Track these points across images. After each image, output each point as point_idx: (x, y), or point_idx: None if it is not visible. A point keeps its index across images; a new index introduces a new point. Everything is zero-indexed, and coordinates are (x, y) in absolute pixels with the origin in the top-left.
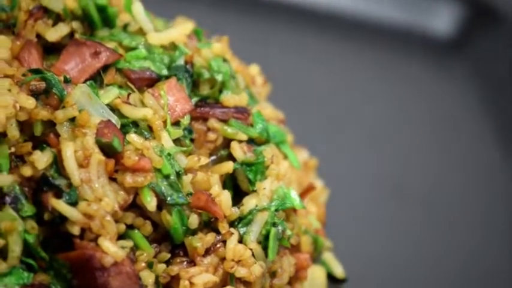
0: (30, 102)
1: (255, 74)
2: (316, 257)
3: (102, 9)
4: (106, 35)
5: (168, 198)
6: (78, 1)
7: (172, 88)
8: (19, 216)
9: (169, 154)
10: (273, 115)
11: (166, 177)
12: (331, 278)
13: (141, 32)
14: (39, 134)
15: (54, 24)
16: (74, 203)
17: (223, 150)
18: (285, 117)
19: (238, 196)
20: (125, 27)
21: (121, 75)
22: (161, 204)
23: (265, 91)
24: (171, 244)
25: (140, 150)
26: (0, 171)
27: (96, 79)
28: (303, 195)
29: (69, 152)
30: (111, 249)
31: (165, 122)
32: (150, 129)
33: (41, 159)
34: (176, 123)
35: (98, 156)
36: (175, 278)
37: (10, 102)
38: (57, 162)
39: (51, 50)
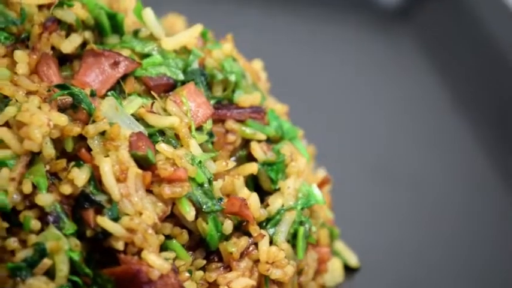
0: (63, 120)
1: (259, 69)
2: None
3: (112, 17)
4: (116, 42)
5: (204, 207)
6: (90, 11)
7: (192, 93)
8: (62, 235)
9: (200, 162)
10: (280, 109)
11: (201, 185)
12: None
13: (151, 37)
14: (70, 150)
15: (67, 35)
16: (116, 219)
17: (241, 151)
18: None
19: (259, 195)
20: (136, 33)
21: (139, 83)
22: (196, 212)
23: (267, 86)
24: (205, 250)
25: (171, 159)
26: (39, 191)
27: (115, 88)
28: (319, 188)
29: (107, 167)
30: (157, 262)
31: (189, 129)
32: (176, 137)
33: (80, 176)
34: (198, 128)
35: (135, 169)
36: (213, 285)
37: (44, 120)
38: (94, 178)
39: (62, 60)
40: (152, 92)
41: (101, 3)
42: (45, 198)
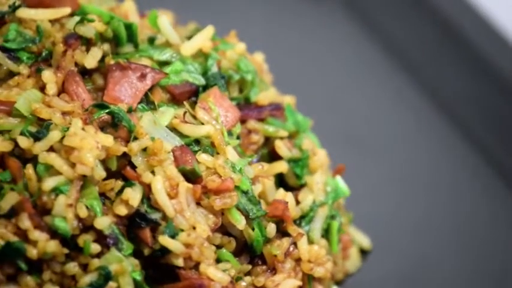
0: (109, 141)
1: (261, 61)
2: None
3: (127, 27)
4: (131, 51)
5: (250, 213)
6: (111, 24)
7: (218, 98)
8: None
9: (241, 169)
10: (288, 101)
11: (245, 192)
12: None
13: (167, 43)
14: (115, 169)
15: (86, 50)
16: (173, 235)
17: (263, 149)
18: None
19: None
20: (151, 40)
21: (164, 92)
22: None
23: (270, 77)
24: (249, 255)
25: (212, 169)
26: (95, 214)
27: (143, 101)
28: (335, 175)
29: (159, 185)
30: (217, 275)
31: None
32: (212, 144)
33: (134, 196)
34: (228, 133)
35: (185, 184)
36: None
37: (94, 143)
38: (144, 196)
39: (81, 74)
40: (185, 102)
41: (112, 13)
42: (103, 221)
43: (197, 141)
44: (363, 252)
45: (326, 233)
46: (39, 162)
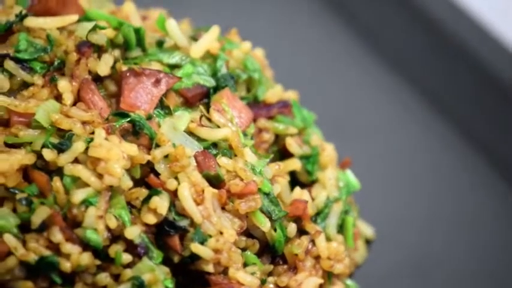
0: (134, 150)
1: (262, 57)
2: None
3: (137, 31)
4: (140, 55)
5: (273, 215)
6: (121, 30)
7: (230, 99)
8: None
9: (260, 170)
10: (292, 96)
11: (267, 194)
12: None
13: (175, 46)
14: (139, 177)
15: (98, 56)
16: (202, 241)
17: (272, 147)
18: None
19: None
20: (159, 44)
21: (176, 96)
22: None
23: (271, 73)
24: (271, 255)
25: (233, 172)
26: (124, 223)
27: (157, 105)
28: (342, 169)
29: (185, 192)
30: (247, 279)
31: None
32: (229, 147)
33: (162, 204)
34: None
35: (210, 190)
36: None
37: (120, 154)
38: (170, 203)
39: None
40: (200, 106)
41: (120, 19)
42: (133, 231)
43: (214, 145)
44: (367, 242)
45: (340, 228)
46: (65, 174)
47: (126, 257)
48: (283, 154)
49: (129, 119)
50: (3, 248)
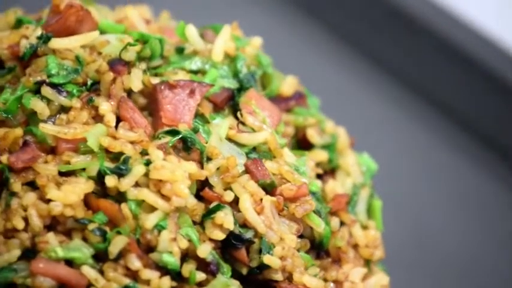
0: (193, 168)
1: (259, 47)
2: None
3: (160, 41)
4: (162, 64)
5: (322, 213)
6: (149, 43)
7: (258, 100)
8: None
9: (304, 170)
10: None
11: (314, 193)
12: None
13: (194, 52)
14: (194, 193)
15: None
16: (269, 251)
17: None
18: None
19: None
20: (180, 50)
21: (207, 101)
22: None
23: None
24: (316, 251)
25: (278, 175)
26: (193, 242)
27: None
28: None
29: (247, 203)
30: (313, 283)
31: None
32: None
33: (228, 219)
34: None
35: (269, 198)
36: (336, 282)
37: (185, 174)
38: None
39: None
40: (239, 113)
41: (145, 32)
42: (204, 249)
43: (254, 149)
44: None
45: (368, 213)
46: (129, 199)
47: (200, 276)
48: (300, 145)
49: (180, 136)
50: (83, 280)
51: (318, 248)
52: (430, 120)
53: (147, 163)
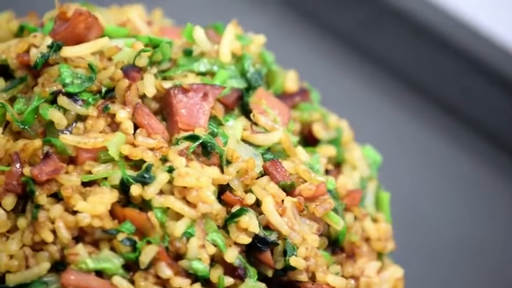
0: (216, 173)
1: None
2: None
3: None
4: (171, 67)
5: (339, 211)
6: (160, 48)
7: (268, 99)
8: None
9: (319, 168)
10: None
11: (330, 191)
12: None
13: (201, 54)
14: (216, 196)
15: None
16: (294, 253)
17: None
18: None
19: None
20: (187, 53)
21: (218, 103)
22: None
23: None
24: (331, 248)
25: (294, 174)
26: (220, 248)
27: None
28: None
29: (271, 206)
30: (336, 281)
31: None
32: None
33: (254, 223)
34: None
35: (290, 199)
36: (353, 278)
37: (209, 180)
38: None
39: None
40: (251, 114)
41: (153, 36)
42: (232, 254)
43: (268, 149)
44: None
45: (376, 206)
46: (155, 207)
47: (228, 280)
48: (306, 141)
49: (200, 141)
50: None
51: (333, 245)
52: (429, 115)
53: (170, 170)
